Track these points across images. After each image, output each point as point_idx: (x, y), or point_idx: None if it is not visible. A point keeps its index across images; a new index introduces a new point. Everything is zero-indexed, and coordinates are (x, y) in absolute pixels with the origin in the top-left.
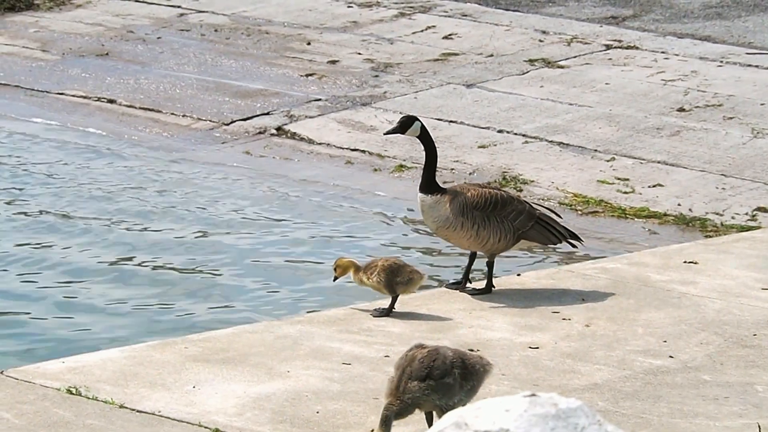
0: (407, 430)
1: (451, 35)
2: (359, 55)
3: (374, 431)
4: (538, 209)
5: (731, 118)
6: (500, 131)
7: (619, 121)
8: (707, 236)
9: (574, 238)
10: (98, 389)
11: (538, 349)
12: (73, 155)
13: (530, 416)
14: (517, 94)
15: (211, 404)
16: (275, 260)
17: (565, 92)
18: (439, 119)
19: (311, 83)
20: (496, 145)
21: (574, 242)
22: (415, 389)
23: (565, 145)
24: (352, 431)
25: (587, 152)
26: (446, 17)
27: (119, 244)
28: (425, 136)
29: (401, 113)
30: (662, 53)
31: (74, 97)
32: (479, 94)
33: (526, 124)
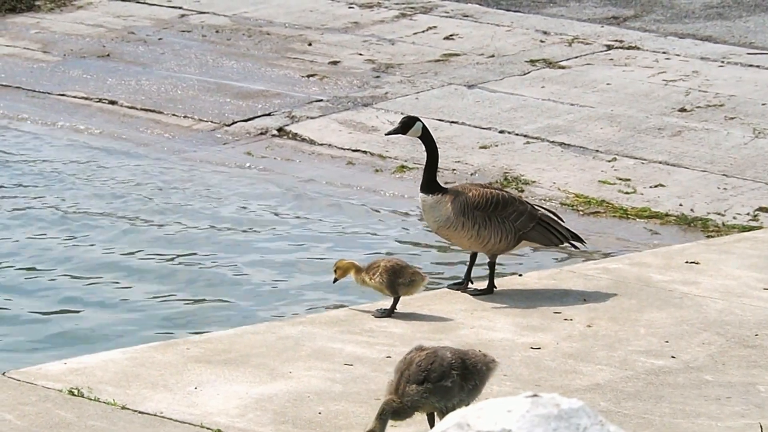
0: (408, 430)
1: (452, 36)
2: (360, 55)
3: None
4: (539, 210)
5: (732, 118)
6: (501, 132)
7: (620, 121)
8: (709, 236)
9: (576, 239)
10: (100, 390)
11: (539, 349)
12: (73, 156)
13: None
14: (518, 94)
15: (213, 405)
16: (276, 261)
17: (566, 93)
18: (440, 120)
19: (312, 84)
20: (497, 145)
21: (576, 243)
22: (413, 392)
23: (566, 145)
24: None
25: (589, 153)
26: (447, 18)
27: (120, 245)
28: (426, 136)
29: (402, 114)
30: (663, 53)
31: (75, 98)
32: (480, 94)
33: (527, 124)
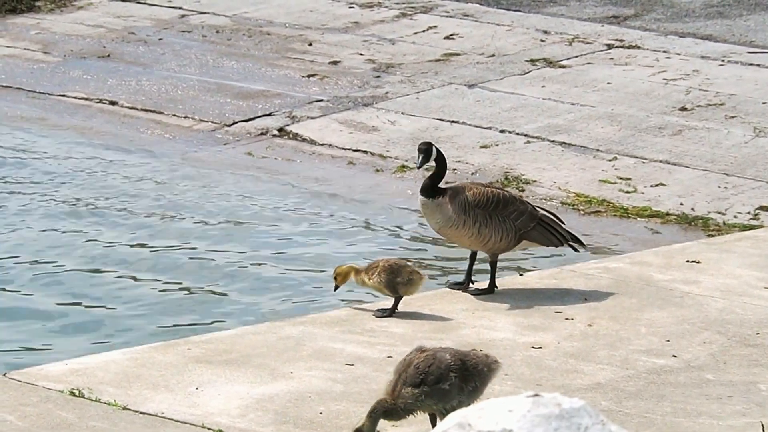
0: (409, 430)
1: (452, 35)
2: (361, 55)
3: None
4: (539, 211)
5: (733, 117)
6: (502, 131)
7: (620, 120)
8: (709, 235)
9: (576, 241)
10: (101, 391)
11: (541, 348)
12: (74, 157)
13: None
14: (518, 94)
15: (214, 405)
16: (277, 261)
17: (566, 92)
18: (440, 119)
19: (313, 84)
20: (498, 145)
21: (575, 245)
22: (408, 395)
23: (567, 144)
24: None
25: (589, 152)
26: (447, 17)
27: (119, 246)
28: (440, 156)
29: (403, 113)
30: (664, 52)
31: (76, 98)
32: (481, 94)
33: (527, 124)
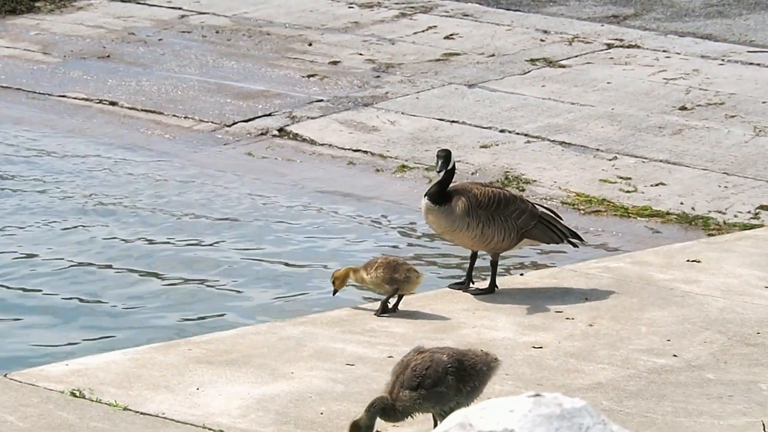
0: (411, 430)
1: (452, 35)
2: (360, 55)
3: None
4: (539, 208)
5: (733, 116)
6: (502, 131)
7: (621, 120)
8: (710, 235)
9: (575, 237)
10: (102, 391)
11: (541, 348)
12: (73, 158)
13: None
14: (518, 93)
15: (214, 406)
16: (277, 261)
17: (566, 91)
18: (440, 119)
19: (313, 84)
20: (498, 144)
21: (575, 241)
22: (405, 398)
23: (567, 144)
24: None
25: (589, 151)
26: (447, 17)
27: (121, 246)
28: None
29: (403, 113)
30: (664, 52)
31: (76, 99)
32: (481, 93)
33: (528, 123)
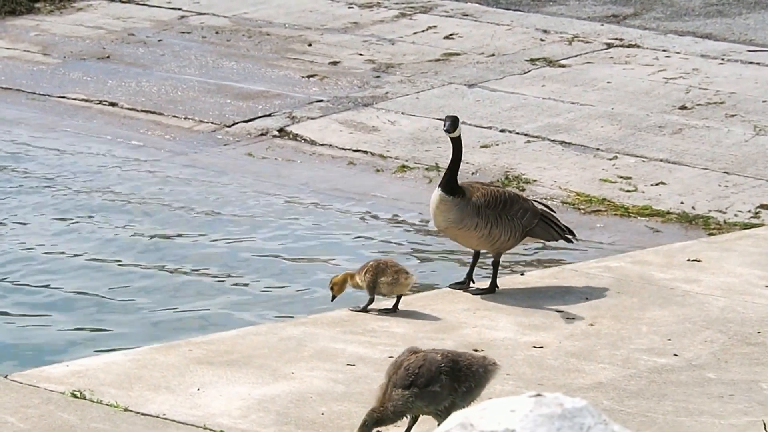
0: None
1: (452, 35)
2: (360, 55)
3: None
4: (538, 206)
5: (733, 115)
6: (502, 131)
7: (621, 119)
8: (710, 234)
9: (570, 233)
10: (102, 392)
11: (542, 348)
12: (73, 159)
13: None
14: (518, 93)
15: (215, 406)
16: (278, 262)
17: (566, 91)
18: (440, 119)
19: (313, 84)
20: (498, 144)
21: (570, 237)
22: (398, 397)
23: (567, 144)
24: None
25: (589, 151)
26: (447, 17)
27: (121, 247)
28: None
29: (403, 113)
30: (663, 51)
31: (76, 100)
32: (481, 93)
33: (528, 123)
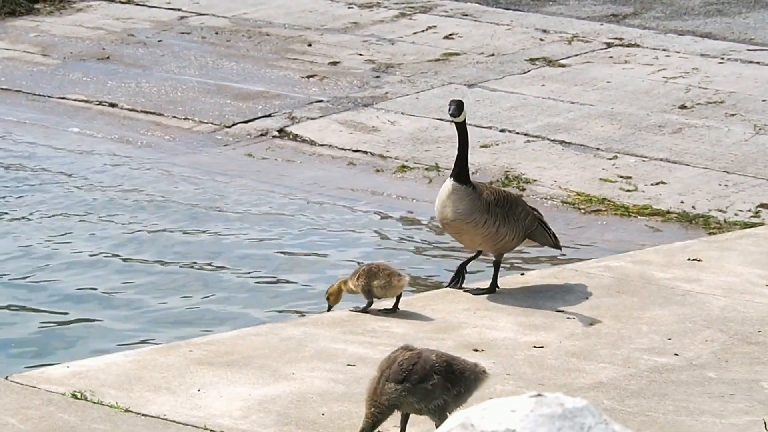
0: (412, 430)
1: (451, 35)
2: (360, 56)
3: None
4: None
5: (733, 114)
6: (502, 130)
7: (620, 119)
8: (710, 233)
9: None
10: (103, 393)
11: (542, 348)
12: (74, 160)
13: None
14: (518, 93)
15: (216, 407)
16: (278, 262)
17: (566, 91)
18: (440, 119)
19: (312, 85)
20: (498, 144)
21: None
22: (390, 391)
23: (567, 143)
24: None
25: (589, 151)
26: (447, 17)
27: (121, 247)
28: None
29: (403, 113)
30: (663, 51)
31: (75, 101)
32: (481, 93)
33: (527, 123)
